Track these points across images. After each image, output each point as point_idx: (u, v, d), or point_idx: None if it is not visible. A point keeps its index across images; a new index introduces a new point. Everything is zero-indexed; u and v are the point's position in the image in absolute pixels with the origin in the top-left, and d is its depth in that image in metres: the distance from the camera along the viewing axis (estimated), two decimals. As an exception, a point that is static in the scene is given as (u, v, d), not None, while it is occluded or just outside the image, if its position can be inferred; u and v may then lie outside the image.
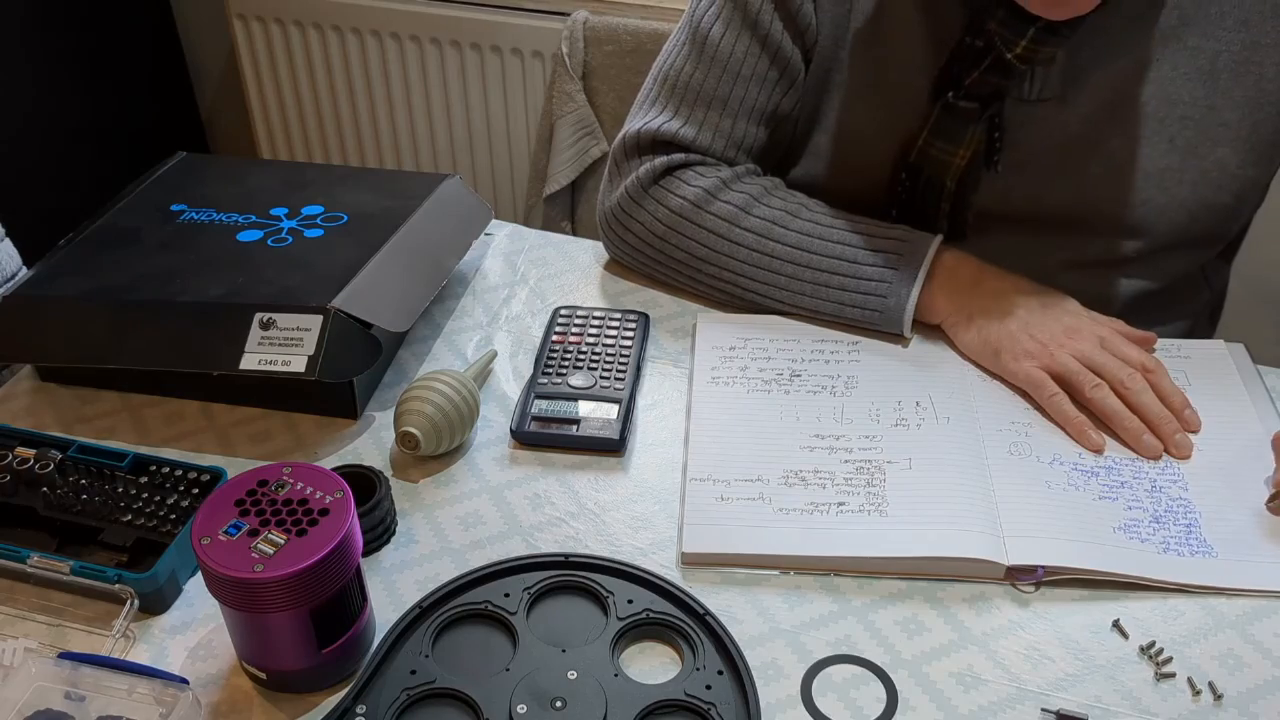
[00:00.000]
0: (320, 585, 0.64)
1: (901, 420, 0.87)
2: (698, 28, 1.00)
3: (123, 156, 2.12)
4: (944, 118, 0.95)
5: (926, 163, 0.97)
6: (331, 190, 1.02)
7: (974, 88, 0.92)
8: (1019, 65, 0.89)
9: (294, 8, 1.99)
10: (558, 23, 1.83)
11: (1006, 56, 0.89)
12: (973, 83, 0.92)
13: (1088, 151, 0.95)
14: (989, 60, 0.90)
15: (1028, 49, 0.88)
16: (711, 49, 0.99)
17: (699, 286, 1.00)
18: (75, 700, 0.65)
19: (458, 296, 1.03)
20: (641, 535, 0.80)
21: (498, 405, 0.91)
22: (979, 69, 0.91)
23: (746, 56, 0.98)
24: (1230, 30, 0.90)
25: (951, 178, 0.97)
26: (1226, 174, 0.95)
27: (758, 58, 0.98)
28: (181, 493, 0.79)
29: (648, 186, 1.00)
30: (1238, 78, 0.91)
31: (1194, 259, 1.04)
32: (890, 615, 0.74)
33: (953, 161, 0.96)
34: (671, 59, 1.02)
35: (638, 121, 1.03)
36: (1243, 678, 0.70)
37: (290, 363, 0.83)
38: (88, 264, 0.93)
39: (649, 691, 0.68)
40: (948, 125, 0.95)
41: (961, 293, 0.93)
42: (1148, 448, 0.84)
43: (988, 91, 0.93)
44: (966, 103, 0.93)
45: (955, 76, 0.93)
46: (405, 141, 2.09)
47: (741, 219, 0.97)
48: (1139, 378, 0.87)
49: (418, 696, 0.68)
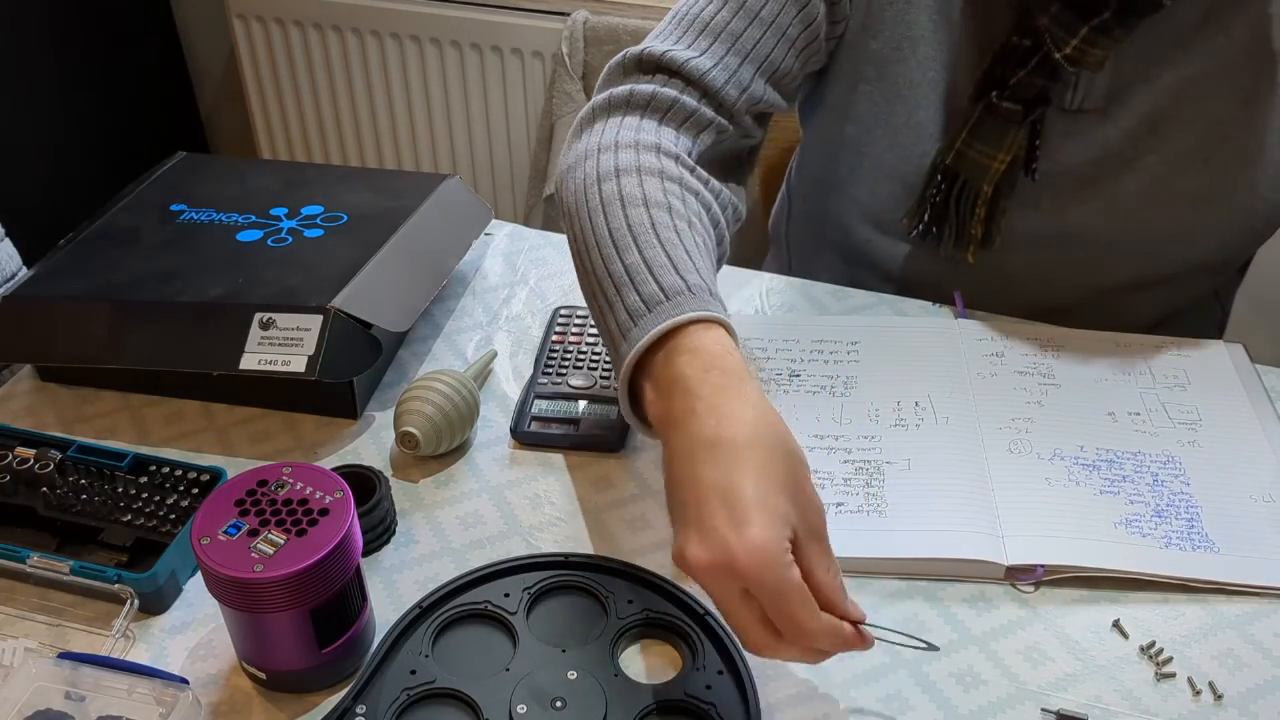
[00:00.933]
0: (320, 585, 0.64)
1: (901, 420, 0.87)
2: None
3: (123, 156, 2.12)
4: (985, 119, 0.92)
5: (964, 166, 0.95)
6: (331, 190, 1.02)
7: (1019, 89, 0.90)
8: (1067, 67, 0.88)
9: (294, 8, 1.99)
10: (558, 23, 1.83)
11: (1055, 56, 0.87)
12: (1018, 83, 0.90)
13: (1123, 167, 0.94)
14: (1036, 60, 0.89)
15: (1078, 48, 0.86)
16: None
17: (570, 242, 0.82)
18: (75, 700, 0.65)
19: (458, 296, 1.03)
20: (641, 535, 0.80)
21: (498, 405, 0.91)
22: (1025, 69, 0.89)
23: (769, 1, 0.89)
24: (1277, 54, 0.89)
25: (989, 182, 0.94)
26: (1258, 196, 0.94)
27: (782, 7, 0.90)
28: (181, 493, 0.79)
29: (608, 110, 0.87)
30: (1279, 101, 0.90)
31: (1214, 280, 1.04)
32: (890, 615, 0.74)
33: (991, 165, 0.93)
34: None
35: (646, 43, 0.91)
36: (1243, 678, 0.70)
37: (290, 363, 0.83)
38: (88, 264, 0.93)
39: (649, 691, 0.68)
40: (989, 127, 0.93)
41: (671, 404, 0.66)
42: None
43: (1033, 94, 0.91)
44: (1010, 104, 0.91)
45: (999, 77, 0.91)
46: (405, 141, 2.09)
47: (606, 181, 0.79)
48: None
49: (418, 696, 0.68)
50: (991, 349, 0.94)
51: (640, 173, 0.79)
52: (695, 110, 0.87)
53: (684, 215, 0.78)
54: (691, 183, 0.82)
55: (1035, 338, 0.95)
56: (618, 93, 0.87)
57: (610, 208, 0.77)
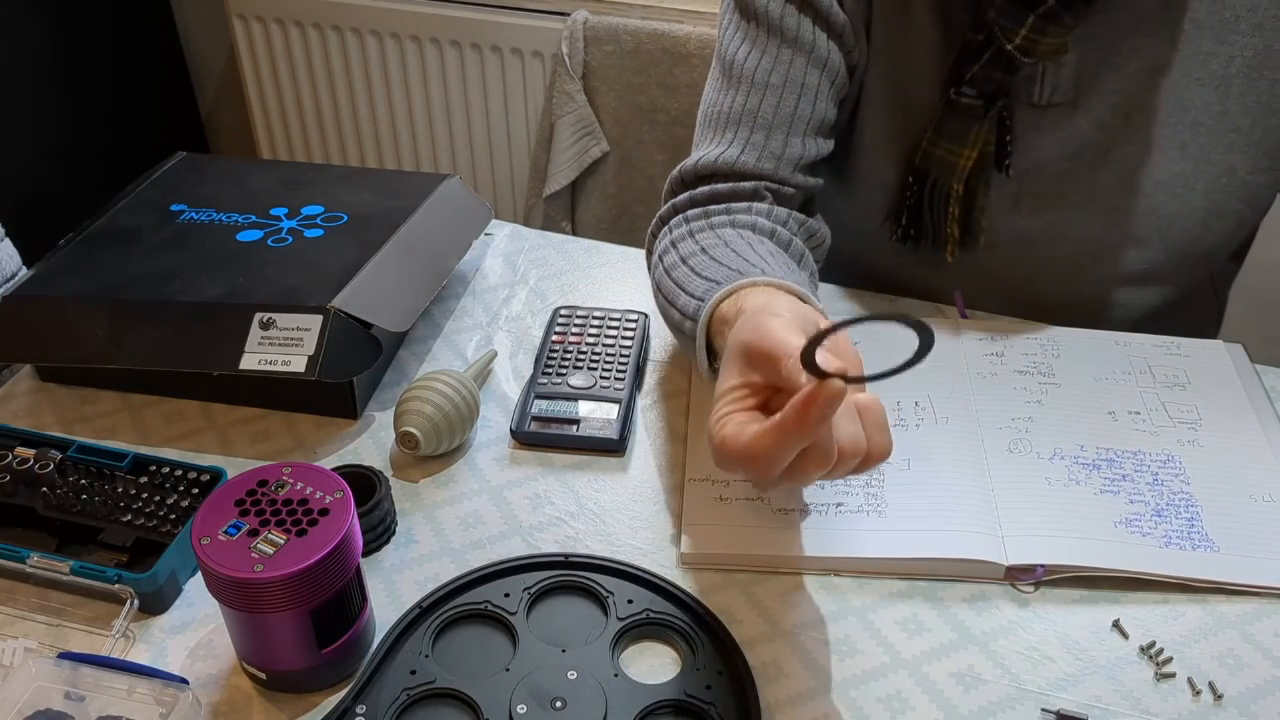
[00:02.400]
0: (320, 585, 0.64)
1: (901, 420, 0.87)
2: (724, 57, 0.95)
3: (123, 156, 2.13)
4: (948, 116, 0.93)
5: (932, 165, 0.95)
6: (331, 190, 1.02)
7: (976, 82, 0.91)
8: (1020, 57, 0.88)
9: (294, 8, 1.99)
10: (558, 23, 1.83)
11: (1006, 48, 0.87)
12: (974, 77, 0.90)
13: (1099, 158, 0.94)
14: (989, 53, 0.89)
15: (1027, 38, 0.86)
16: (739, 70, 0.92)
17: None
18: (75, 700, 0.65)
19: (458, 296, 1.03)
20: (641, 535, 0.80)
21: (498, 405, 0.91)
22: (979, 62, 0.90)
23: (776, 65, 0.91)
24: (1244, 35, 0.89)
25: (958, 180, 0.95)
26: (1237, 180, 0.94)
27: (789, 64, 0.91)
28: (181, 493, 0.79)
29: (666, 220, 0.93)
30: (1251, 83, 0.91)
31: (1204, 269, 1.03)
32: (890, 615, 0.74)
33: (958, 163, 0.94)
34: (707, 99, 0.96)
35: (684, 161, 0.95)
36: (1243, 678, 0.70)
37: (290, 363, 0.83)
38: (88, 264, 0.93)
39: (649, 691, 0.68)
40: (952, 124, 0.93)
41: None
42: None
43: (992, 88, 0.91)
44: (970, 99, 0.92)
45: (960, 75, 0.92)
46: (405, 141, 2.09)
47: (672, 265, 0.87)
48: None
49: (418, 696, 0.68)
50: (991, 349, 0.94)
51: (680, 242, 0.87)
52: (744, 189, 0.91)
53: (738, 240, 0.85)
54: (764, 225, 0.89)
55: (1035, 337, 0.95)
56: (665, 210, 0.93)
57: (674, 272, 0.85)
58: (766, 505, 0.80)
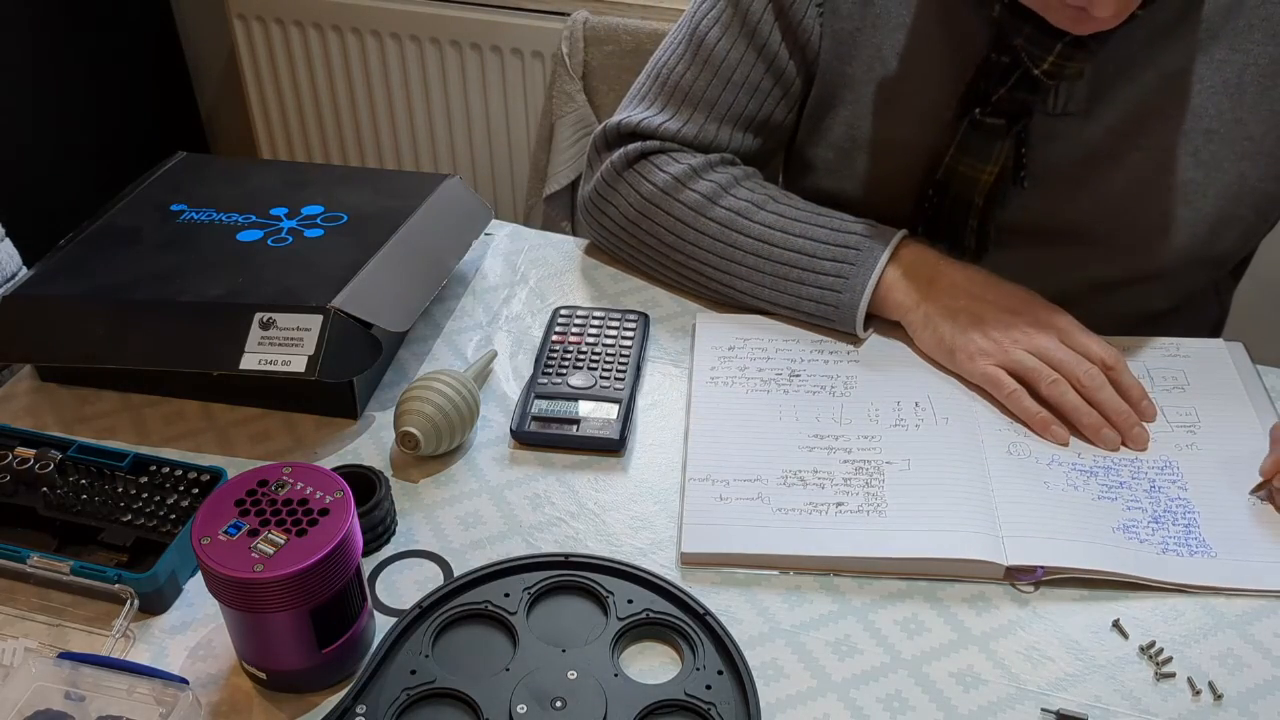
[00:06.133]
0: (320, 585, 0.64)
1: (900, 421, 0.87)
2: (696, 29, 1.00)
3: (123, 156, 2.12)
4: (972, 135, 0.94)
5: (954, 180, 0.97)
6: (331, 190, 1.02)
7: (1002, 104, 0.92)
8: (1047, 81, 0.89)
9: (294, 8, 1.99)
10: (558, 23, 1.83)
11: (1034, 72, 0.88)
12: (1000, 99, 0.92)
13: (1111, 165, 0.94)
14: (1016, 76, 0.90)
15: (1055, 64, 0.87)
16: (706, 52, 0.99)
17: (668, 274, 1.01)
18: (75, 700, 0.65)
19: (458, 296, 1.03)
20: (641, 535, 0.80)
21: (498, 405, 0.91)
22: (1006, 86, 0.91)
23: (740, 64, 0.99)
24: (1258, 44, 0.89)
25: (980, 194, 0.96)
26: (1247, 188, 0.94)
27: (751, 66, 0.99)
28: (181, 493, 0.79)
29: (622, 170, 1.01)
30: (1264, 91, 0.90)
31: (1210, 276, 1.04)
32: (890, 615, 0.74)
33: (980, 178, 0.95)
34: (666, 57, 1.03)
35: (622, 114, 1.04)
36: (1243, 678, 0.70)
37: (290, 363, 0.83)
38: (88, 264, 0.93)
39: (649, 691, 0.68)
40: (976, 142, 0.94)
41: (917, 289, 0.93)
42: (1106, 441, 0.85)
43: (1015, 108, 0.92)
44: (994, 119, 0.93)
45: (983, 93, 0.93)
46: (405, 141, 2.09)
47: (708, 209, 0.97)
48: (1096, 373, 0.87)
49: (418, 696, 0.68)
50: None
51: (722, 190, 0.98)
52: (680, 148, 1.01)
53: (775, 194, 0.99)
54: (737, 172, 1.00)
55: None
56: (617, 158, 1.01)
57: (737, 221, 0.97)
58: (765, 505, 0.80)
